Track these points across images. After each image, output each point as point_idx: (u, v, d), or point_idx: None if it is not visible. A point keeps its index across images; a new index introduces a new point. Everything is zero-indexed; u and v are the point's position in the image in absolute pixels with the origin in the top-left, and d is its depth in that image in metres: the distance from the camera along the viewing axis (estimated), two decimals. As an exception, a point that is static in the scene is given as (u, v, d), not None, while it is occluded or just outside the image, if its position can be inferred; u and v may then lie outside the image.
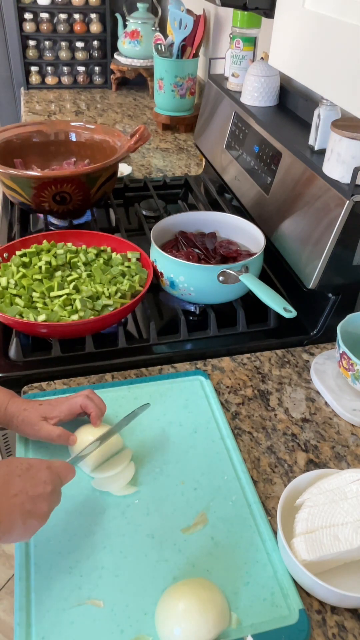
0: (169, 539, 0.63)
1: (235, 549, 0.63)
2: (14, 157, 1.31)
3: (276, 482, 0.71)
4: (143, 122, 1.97)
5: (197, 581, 0.57)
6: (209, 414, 0.79)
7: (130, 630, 0.55)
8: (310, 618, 0.57)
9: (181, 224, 1.08)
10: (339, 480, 0.62)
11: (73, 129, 1.38)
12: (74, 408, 0.71)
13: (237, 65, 1.27)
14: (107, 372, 0.87)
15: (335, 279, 0.89)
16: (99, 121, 1.97)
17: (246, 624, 0.56)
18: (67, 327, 0.85)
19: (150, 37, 2.09)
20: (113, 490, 0.67)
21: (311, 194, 0.90)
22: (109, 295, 0.91)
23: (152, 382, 0.84)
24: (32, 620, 0.56)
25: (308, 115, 1.11)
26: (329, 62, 0.60)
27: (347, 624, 0.57)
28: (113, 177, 1.24)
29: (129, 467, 0.70)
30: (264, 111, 1.18)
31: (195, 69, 1.78)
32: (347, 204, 0.81)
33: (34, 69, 2.28)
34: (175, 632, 0.53)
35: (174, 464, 0.72)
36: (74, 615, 0.56)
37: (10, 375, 0.85)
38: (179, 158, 1.68)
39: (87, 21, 2.25)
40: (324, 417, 0.81)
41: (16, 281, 0.93)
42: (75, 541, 0.63)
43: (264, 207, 1.07)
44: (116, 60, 2.21)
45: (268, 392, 0.85)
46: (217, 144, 1.34)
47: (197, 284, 0.92)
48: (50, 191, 1.14)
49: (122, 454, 0.71)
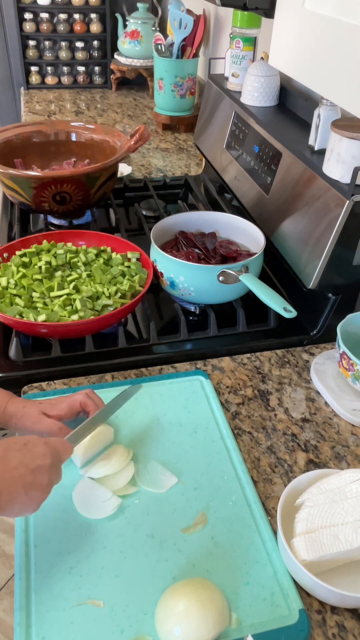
0: (169, 539, 0.63)
1: (235, 549, 0.63)
2: (14, 157, 1.31)
3: (276, 482, 0.71)
4: (143, 122, 1.97)
5: (197, 581, 0.57)
6: (209, 414, 0.79)
7: (130, 630, 0.55)
8: (310, 618, 0.57)
9: (181, 224, 1.08)
10: (339, 480, 0.62)
11: (73, 129, 1.38)
12: (74, 406, 0.71)
13: (237, 65, 1.27)
14: (107, 372, 0.87)
15: (335, 279, 0.89)
16: (99, 121, 1.97)
17: (246, 624, 0.56)
18: (67, 327, 0.85)
19: (150, 37, 2.09)
20: (113, 490, 0.67)
21: (311, 194, 0.90)
22: (109, 295, 0.91)
23: (152, 382, 0.84)
24: (32, 620, 0.56)
25: (308, 115, 1.11)
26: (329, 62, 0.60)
27: (347, 624, 0.57)
28: (113, 177, 1.24)
29: (128, 467, 0.70)
30: (264, 111, 1.18)
31: (195, 69, 1.78)
32: (347, 204, 0.81)
33: (34, 69, 2.28)
34: (175, 632, 0.53)
35: (174, 464, 0.72)
36: (74, 615, 0.56)
37: (10, 375, 0.85)
38: (179, 158, 1.68)
39: (87, 21, 2.25)
40: (324, 417, 0.81)
41: (16, 281, 0.93)
42: (75, 541, 0.63)
43: (264, 207, 1.07)
44: (116, 60, 2.21)
45: (268, 392, 0.85)
46: (217, 144, 1.34)
47: (197, 284, 0.92)
48: (50, 191, 1.14)
49: (122, 453, 0.71)
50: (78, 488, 0.68)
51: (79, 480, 0.68)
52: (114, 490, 0.67)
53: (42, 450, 0.57)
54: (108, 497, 0.66)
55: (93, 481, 0.68)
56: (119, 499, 0.66)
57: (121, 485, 0.68)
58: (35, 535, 0.63)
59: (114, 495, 0.66)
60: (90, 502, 0.66)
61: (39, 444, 0.58)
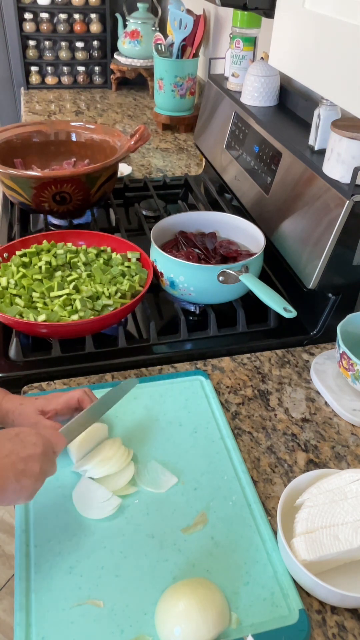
0: (169, 539, 0.63)
1: (235, 549, 0.63)
2: (14, 157, 1.31)
3: (276, 482, 0.71)
4: (143, 122, 1.97)
5: (197, 581, 0.57)
6: (209, 414, 0.79)
7: (130, 630, 0.55)
8: (310, 618, 0.57)
9: (181, 224, 1.08)
10: (339, 480, 0.62)
11: (73, 129, 1.38)
12: (71, 401, 0.71)
13: (237, 65, 1.27)
14: (107, 372, 0.87)
15: (335, 279, 0.89)
16: (99, 121, 1.97)
17: (246, 624, 0.56)
18: (67, 327, 0.85)
19: (150, 37, 2.09)
20: (113, 490, 0.67)
21: (311, 194, 0.90)
22: (109, 295, 0.91)
23: (152, 382, 0.84)
24: (32, 620, 0.56)
25: (308, 115, 1.11)
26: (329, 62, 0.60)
27: (347, 624, 0.57)
28: (113, 177, 1.24)
29: (129, 467, 0.70)
30: (264, 111, 1.18)
31: (195, 69, 1.78)
32: (347, 204, 0.81)
33: (34, 69, 2.28)
34: (175, 632, 0.53)
35: (174, 464, 0.72)
36: (74, 615, 0.56)
37: (10, 375, 0.85)
38: (179, 158, 1.68)
39: (87, 21, 2.25)
40: (324, 417, 0.81)
41: (16, 281, 0.93)
42: (75, 541, 0.63)
43: (264, 207, 1.07)
44: (116, 60, 2.21)
45: (268, 392, 0.85)
46: (217, 144, 1.34)
47: (197, 284, 0.92)
48: (50, 191, 1.14)
49: (122, 453, 0.71)
50: (78, 488, 0.68)
51: (79, 480, 0.68)
52: (114, 491, 0.67)
53: (34, 439, 0.59)
54: (108, 497, 0.66)
55: (93, 481, 0.68)
56: (119, 499, 0.66)
57: (121, 485, 0.68)
58: (35, 535, 0.63)
59: (113, 496, 0.66)
60: (90, 502, 0.66)
61: (30, 433, 0.59)
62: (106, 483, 0.68)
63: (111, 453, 0.70)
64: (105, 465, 0.69)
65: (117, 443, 0.72)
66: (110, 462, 0.69)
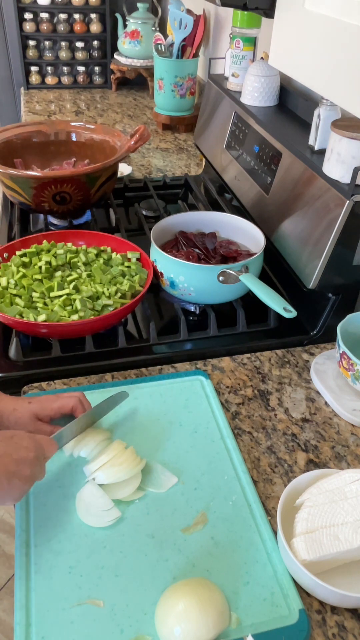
0: (169, 539, 0.63)
1: (235, 549, 0.63)
2: (14, 157, 1.31)
3: (276, 482, 0.71)
4: (143, 122, 1.97)
5: (197, 581, 0.57)
6: (209, 414, 0.79)
7: (130, 630, 0.55)
8: (310, 618, 0.58)
9: (181, 224, 1.08)
10: (339, 480, 0.62)
11: (73, 129, 1.38)
12: (64, 409, 0.72)
13: (237, 65, 1.27)
14: (107, 372, 0.87)
15: (335, 279, 0.89)
16: (99, 121, 1.97)
17: (246, 624, 0.56)
18: (67, 327, 0.85)
19: (150, 37, 2.09)
20: (122, 497, 0.67)
21: (311, 194, 0.90)
22: (109, 295, 0.91)
23: (152, 382, 0.84)
24: (32, 620, 0.56)
25: (308, 115, 1.11)
26: (329, 62, 0.60)
27: (347, 624, 0.57)
28: (113, 177, 1.24)
29: (137, 475, 0.69)
30: (264, 111, 1.18)
31: (195, 69, 1.78)
32: (347, 204, 0.81)
33: (34, 69, 2.27)
34: (175, 631, 0.53)
35: (174, 464, 0.72)
36: (74, 615, 0.56)
37: (10, 375, 0.85)
38: (179, 158, 1.68)
39: (87, 21, 2.25)
40: (324, 417, 0.81)
41: (16, 281, 0.93)
42: (75, 541, 0.63)
43: (264, 207, 1.07)
44: (116, 60, 2.21)
45: (268, 392, 0.85)
46: (217, 144, 1.34)
47: (197, 284, 0.92)
48: (50, 191, 1.14)
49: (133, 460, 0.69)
50: (82, 491, 0.67)
51: (85, 484, 0.68)
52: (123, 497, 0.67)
53: (27, 443, 0.60)
54: (109, 507, 0.65)
55: (98, 487, 0.67)
56: (119, 512, 0.65)
57: (127, 493, 0.67)
58: (35, 535, 0.63)
59: (114, 507, 0.65)
60: (90, 509, 0.65)
61: (24, 437, 0.61)
62: (113, 489, 0.67)
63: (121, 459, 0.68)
64: (114, 472, 0.67)
65: (129, 451, 0.70)
66: (121, 467, 0.68)
